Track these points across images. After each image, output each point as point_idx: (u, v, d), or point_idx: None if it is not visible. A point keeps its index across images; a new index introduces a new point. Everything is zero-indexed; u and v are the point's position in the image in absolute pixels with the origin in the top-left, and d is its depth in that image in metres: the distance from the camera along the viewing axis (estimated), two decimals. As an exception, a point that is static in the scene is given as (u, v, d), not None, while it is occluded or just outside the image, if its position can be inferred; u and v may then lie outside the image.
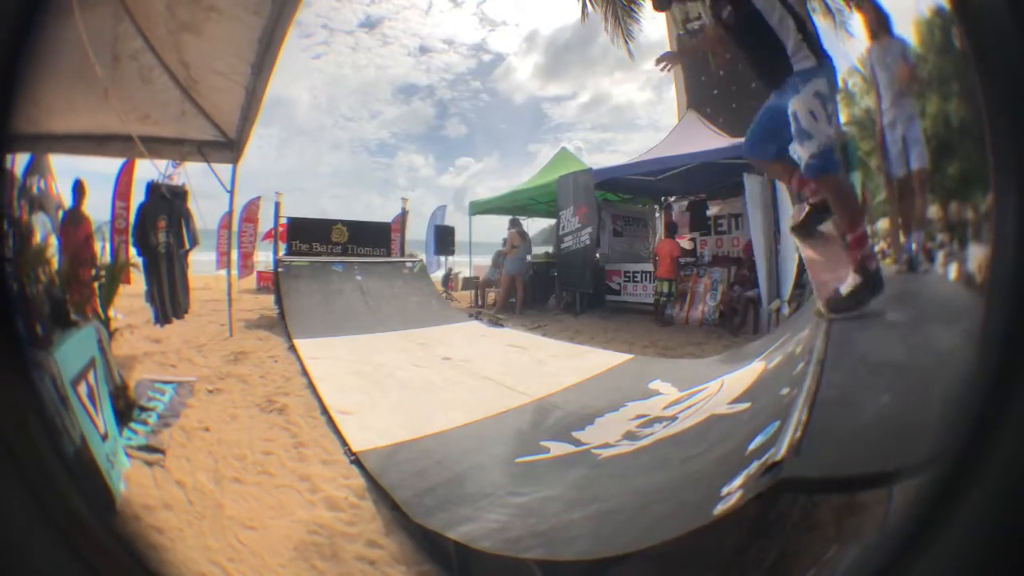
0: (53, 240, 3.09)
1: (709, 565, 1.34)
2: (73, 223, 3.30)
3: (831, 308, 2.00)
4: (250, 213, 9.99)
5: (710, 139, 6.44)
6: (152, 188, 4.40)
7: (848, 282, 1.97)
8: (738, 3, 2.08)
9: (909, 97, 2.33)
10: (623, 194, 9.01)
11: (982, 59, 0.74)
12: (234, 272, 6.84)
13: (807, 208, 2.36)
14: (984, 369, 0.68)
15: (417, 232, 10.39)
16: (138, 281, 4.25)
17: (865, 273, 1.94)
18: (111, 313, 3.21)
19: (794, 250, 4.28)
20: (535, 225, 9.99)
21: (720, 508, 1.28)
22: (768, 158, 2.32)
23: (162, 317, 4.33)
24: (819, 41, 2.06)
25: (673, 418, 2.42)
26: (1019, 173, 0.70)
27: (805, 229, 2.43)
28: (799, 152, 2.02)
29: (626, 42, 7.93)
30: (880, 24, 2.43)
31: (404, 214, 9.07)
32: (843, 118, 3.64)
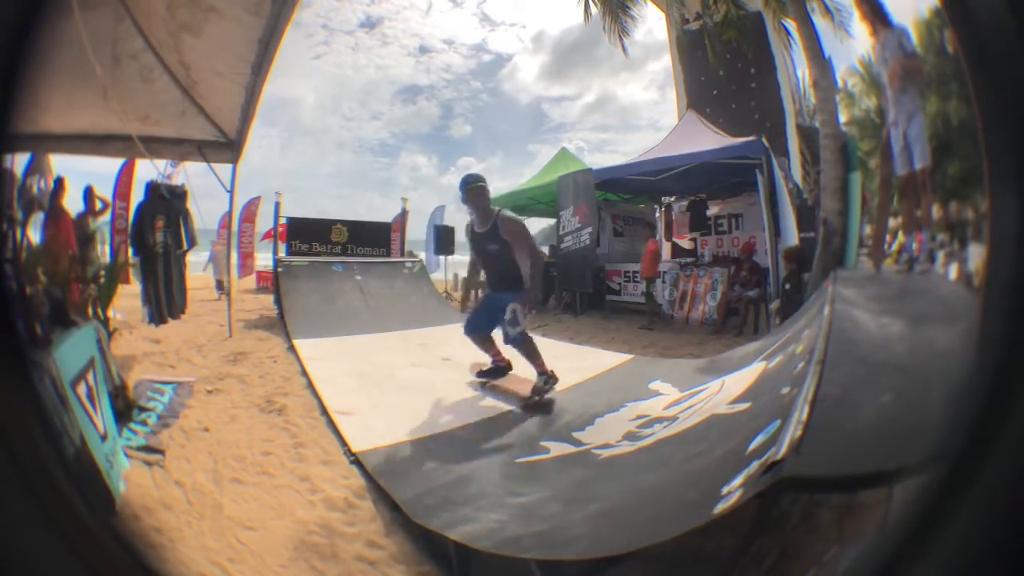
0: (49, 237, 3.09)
1: (709, 565, 1.34)
2: (53, 219, 3.30)
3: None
4: (249, 213, 9.98)
5: (710, 139, 6.44)
6: (151, 188, 4.39)
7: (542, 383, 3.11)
8: (506, 247, 3.30)
9: (910, 94, 2.32)
10: (623, 194, 9.01)
11: (976, 61, 0.74)
12: (233, 272, 6.83)
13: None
14: (984, 369, 0.68)
15: (419, 232, 10.40)
16: (137, 280, 4.25)
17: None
18: (110, 313, 3.21)
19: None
20: (535, 225, 10.00)
21: (720, 507, 1.28)
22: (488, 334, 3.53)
23: (157, 317, 4.32)
24: None
25: (673, 418, 2.42)
26: (1015, 175, 0.70)
27: None
28: (510, 330, 3.20)
29: (620, 39, 7.91)
30: (879, 21, 2.42)
31: (404, 214, 9.07)
32: (843, 118, 3.64)
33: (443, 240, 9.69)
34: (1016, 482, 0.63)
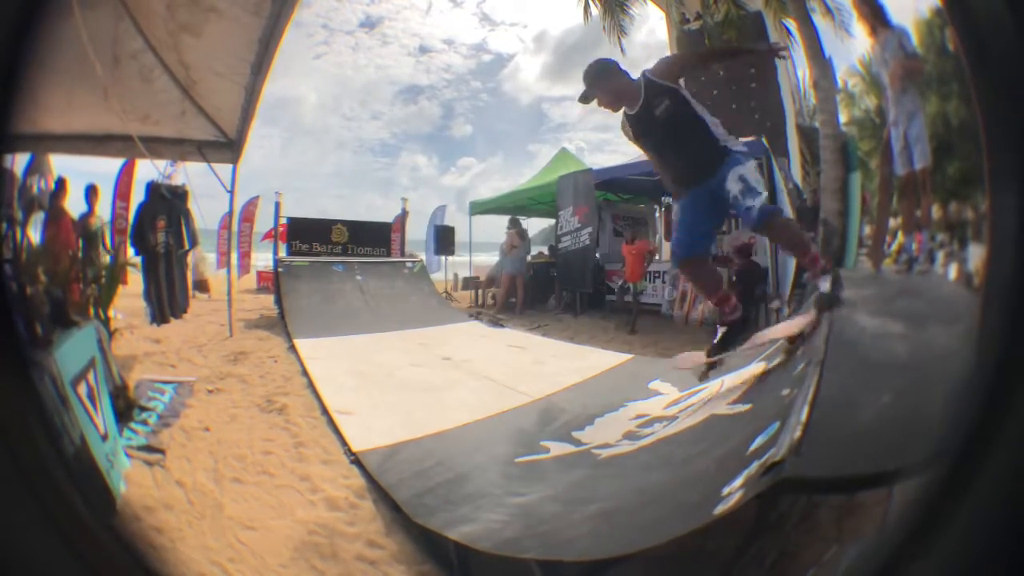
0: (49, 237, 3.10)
1: (709, 565, 1.34)
2: (53, 219, 3.31)
3: (828, 305, 2.19)
4: (248, 213, 9.97)
5: (710, 139, 6.43)
6: (152, 188, 4.40)
7: (827, 284, 2.25)
8: (676, 98, 2.34)
9: (910, 94, 2.33)
10: (623, 194, 9.01)
11: (976, 61, 0.74)
12: (234, 272, 6.84)
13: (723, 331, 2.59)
14: (983, 369, 0.68)
15: (419, 232, 10.40)
16: (136, 281, 4.25)
17: (833, 272, 2.28)
18: (111, 313, 3.21)
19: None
20: (535, 225, 10.00)
21: (720, 508, 1.28)
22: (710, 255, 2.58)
23: (159, 316, 4.33)
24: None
25: (673, 418, 2.42)
26: (1015, 174, 0.70)
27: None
28: (749, 206, 2.26)
29: (620, 40, 7.91)
30: (879, 21, 2.43)
31: (404, 214, 9.07)
32: (843, 118, 3.64)
33: (443, 240, 9.69)
34: (1016, 482, 0.63)
